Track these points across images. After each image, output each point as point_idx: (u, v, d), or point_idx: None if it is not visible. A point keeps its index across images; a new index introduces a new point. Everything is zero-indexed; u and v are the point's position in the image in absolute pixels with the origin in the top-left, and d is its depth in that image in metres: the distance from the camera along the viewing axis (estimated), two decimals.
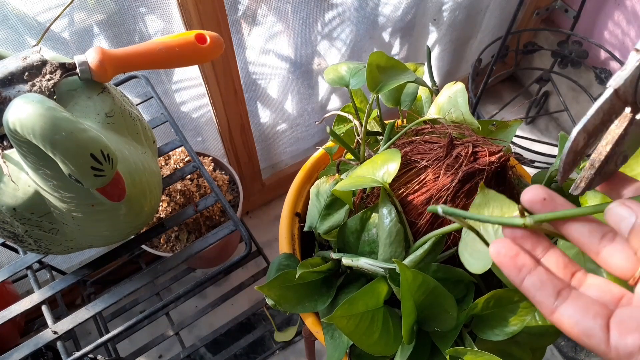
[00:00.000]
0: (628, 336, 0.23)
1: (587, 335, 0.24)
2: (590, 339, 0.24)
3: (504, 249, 0.27)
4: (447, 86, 0.54)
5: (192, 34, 0.49)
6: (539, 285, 0.26)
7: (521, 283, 0.26)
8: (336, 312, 0.39)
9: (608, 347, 0.23)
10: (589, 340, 0.24)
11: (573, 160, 0.26)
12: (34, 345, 0.51)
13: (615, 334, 0.23)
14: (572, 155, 0.26)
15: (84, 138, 0.37)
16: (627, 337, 0.23)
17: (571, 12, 1.24)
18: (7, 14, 0.62)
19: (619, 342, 0.23)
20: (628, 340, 0.23)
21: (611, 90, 0.25)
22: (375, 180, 0.44)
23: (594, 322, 0.24)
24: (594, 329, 0.24)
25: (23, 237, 0.48)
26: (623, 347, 0.23)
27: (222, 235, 0.57)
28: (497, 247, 0.27)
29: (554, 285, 0.26)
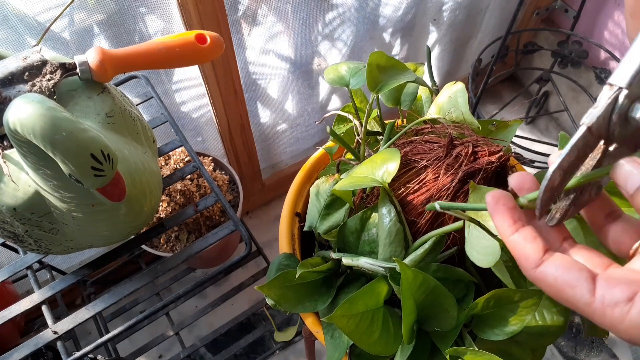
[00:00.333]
0: (616, 287, 0.23)
1: (570, 285, 0.24)
2: (574, 289, 0.24)
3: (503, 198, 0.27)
4: (447, 86, 0.54)
5: (192, 34, 0.49)
6: (531, 238, 0.26)
7: (511, 234, 0.26)
8: (336, 312, 0.39)
9: (593, 296, 0.23)
10: (572, 290, 0.24)
11: (550, 197, 0.26)
12: (34, 345, 0.51)
13: (603, 284, 0.23)
14: (548, 193, 0.26)
15: (84, 138, 0.37)
16: (615, 287, 0.23)
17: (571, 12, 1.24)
18: (7, 14, 0.62)
19: (605, 292, 0.23)
20: (615, 290, 0.23)
21: (584, 128, 0.25)
22: (375, 179, 0.44)
23: (579, 274, 0.24)
24: (579, 279, 0.24)
25: (23, 237, 0.48)
26: (609, 296, 0.23)
27: (222, 235, 0.57)
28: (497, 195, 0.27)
29: (544, 242, 0.26)
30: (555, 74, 1.30)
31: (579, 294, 0.24)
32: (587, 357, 1.11)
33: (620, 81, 0.24)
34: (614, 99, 0.24)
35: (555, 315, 0.43)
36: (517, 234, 0.26)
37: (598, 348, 1.12)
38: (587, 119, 0.25)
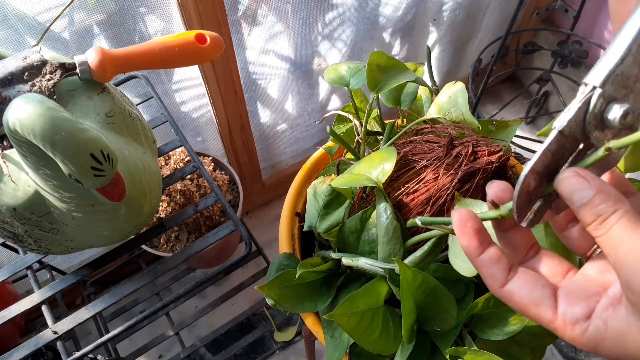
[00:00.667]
0: (576, 305, 0.24)
1: (535, 304, 0.25)
2: (539, 307, 0.25)
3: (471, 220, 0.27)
4: (447, 86, 0.54)
5: (192, 34, 0.49)
6: (496, 258, 0.26)
7: (477, 256, 0.27)
8: (337, 310, 0.39)
9: (555, 314, 0.24)
10: (537, 309, 0.25)
11: (527, 200, 0.25)
12: (34, 345, 0.51)
13: (564, 302, 0.25)
14: (524, 197, 0.25)
15: (84, 138, 0.37)
16: (575, 305, 0.24)
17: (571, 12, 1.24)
18: (7, 14, 0.62)
19: (567, 309, 0.24)
20: (575, 308, 0.24)
21: (555, 132, 0.24)
22: (370, 179, 0.44)
23: (542, 292, 0.25)
24: (542, 297, 0.25)
25: (23, 237, 0.48)
26: (570, 314, 0.24)
27: (222, 235, 0.57)
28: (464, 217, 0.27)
29: (508, 261, 0.27)
30: (555, 74, 1.30)
31: (542, 312, 0.25)
32: (587, 357, 1.11)
33: (594, 80, 0.23)
34: (587, 101, 0.24)
35: None
36: (482, 256, 0.27)
37: None
38: (558, 122, 0.24)
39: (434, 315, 0.42)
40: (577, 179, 0.24)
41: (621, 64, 0.23)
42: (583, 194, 0.23)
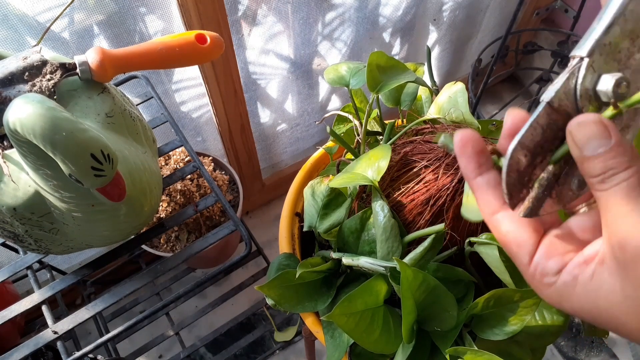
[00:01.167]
0: (551, 259, 0.24)
1: (518, 243, 0.25)
2: (520, 248, 0.25)
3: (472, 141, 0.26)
4: (447, 86, 0.54)
5: (192, 34, 0.49)
6: (494, 183, 0.26)
7: (475, 177, 0.26)
8: (335, 310, 0.39)
9: (530, 261, 0.25)
10: (517, 248, 0.25)
11: (518, 180, 0.24)
12: (34, 345, 0.51)
13: (542, 252, 0.25)
14: (514, 175, 0.23)
15: (84, 138, 0.37)
16: (550, 259, 0.24)
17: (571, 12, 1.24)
18: (7, 14, 0.62)
19: (541, 260, 0.25)
20: (550, 262, 0.24)
21: (543, 104, 0.23)
22: (366, 177, 0.44)
23: (529, 235, 0.25)
24: (527, 240, 0.25)
25: (23, 237, 0.48)
26: (543, 266, 0.25)
27: (222, 235, 0.57)
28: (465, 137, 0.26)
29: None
30: (555, 74, 1.30)
31: (521, 254, 0.25)
32: (587, 357, 1.11)
33: (581, 51, 0.22)
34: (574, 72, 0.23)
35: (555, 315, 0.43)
36: (480, 178, 0.26)
37: (598, 348, 1.12)
38: (545, 95, 0.23)
39: (434, 315, 0.42)
40: (598, 125, 0.22)
41: (608, 34, 0.22)
42: (601, 142, 0.22)
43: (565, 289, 0.24)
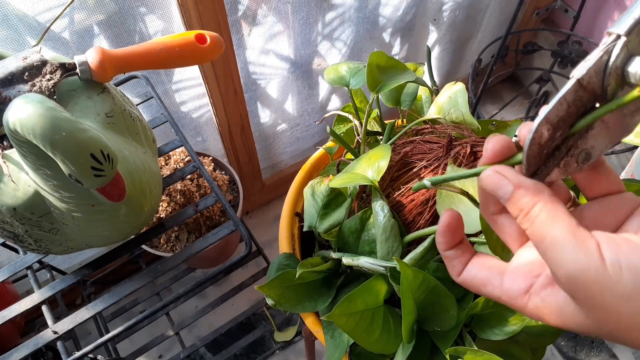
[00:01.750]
0: (516, 281, 0.26)
1: (484, 284, 0.27)
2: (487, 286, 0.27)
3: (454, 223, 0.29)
4: (447, 86, 0.54)
5: (192, 34, 0.49)
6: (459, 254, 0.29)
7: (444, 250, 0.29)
8: (335, 310, 0.39)
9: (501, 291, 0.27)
10: (485, 288, 0.27)
11: (538, 153, 0.24)
12: (34, 345, 0.51)
13: (508, 280, 0.27)
14: (536, 148, 0.24)
15: (84, 138, 0.37)
16: (516, 281, 0.26)
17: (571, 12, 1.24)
18: (7, 14, 0.62)
19: (510, 286, 0.26)
20: (516, 284, 0.26)
21: (574, 80, 0.23)
22: (366, 177, 0.44)
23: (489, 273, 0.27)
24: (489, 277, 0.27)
25: (23, 237, 0.48)
26: (512, 290, 0.26)
27: (222, 235, 0.57)
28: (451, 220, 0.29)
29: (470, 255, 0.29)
30: (555, 74, 1.30)
31: (490, 289, 0.27)
32: (587, 357, 1.11)
33: (619, 29, 0.22)
34: (609, 50, 0.22)
35: None
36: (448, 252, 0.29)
37: (598, 348, 1.12)
38: (577, 71, 0.23)
39: (434, 315, 0.42)
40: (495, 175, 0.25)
41: None
42: (504, 190, 0.24)
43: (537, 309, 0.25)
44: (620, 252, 0.21)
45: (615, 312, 0.21)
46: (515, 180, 0.24)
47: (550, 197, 0.24)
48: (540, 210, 0.23)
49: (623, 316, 0.21)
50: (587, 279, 0.21)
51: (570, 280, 0.22)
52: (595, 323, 0.23)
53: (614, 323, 0.22)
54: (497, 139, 0.26)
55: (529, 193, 0.24)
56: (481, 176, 0.26)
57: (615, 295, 0.21)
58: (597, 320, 0.22)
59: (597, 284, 0.21)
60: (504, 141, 0.26)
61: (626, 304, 0.21)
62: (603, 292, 0.21)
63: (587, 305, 0.22)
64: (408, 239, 0.44)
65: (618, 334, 0.22)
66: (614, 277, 0.21)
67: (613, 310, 0.21)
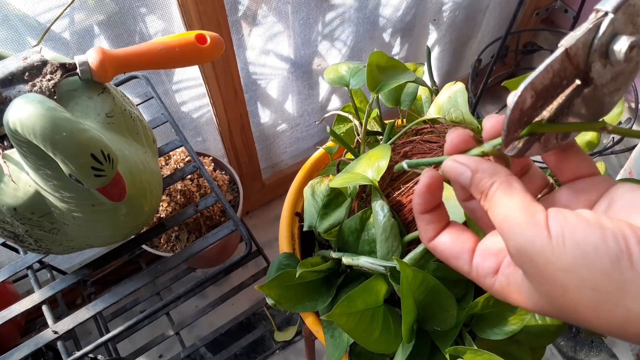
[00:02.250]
0: (486, 260, 0.27)
1: (455, 257, 0.28)
2: (458, 260, 0.28)
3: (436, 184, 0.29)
4: (447, 86, 0.54)
5: (193, 34, 0.50)
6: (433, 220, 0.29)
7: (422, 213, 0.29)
8: (335, 310, 0.39)
9: (470, 267, 0.27)
10: (456, 261, 0.28)
11: (519, 119, 0.25)
12: (35, 345, 0.51)
13: (478, 256, 0.27)
14: (517, 113, 0.24)
15: (85, 138, 0.37)
16: (486, 261, 0.27)
17: (571, 12, 1.24)
18: (8, 14, 0.63)
19: (479, 264, 0.27)
20: (486, 263, 0.27)
21: (562, 49, 0.23)
22: (366, 177, 0.44)
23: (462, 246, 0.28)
24: (462, 251, 0.28)
25: (23, 237, 0.48)
26: (481, 268, 0.27)
27: (222, 235, 0.57)
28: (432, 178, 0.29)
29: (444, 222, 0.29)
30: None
31: (460, 264, 0.28)
32: (587, 356, 1.11)
33: (606, 5, 0.23)
34: (597, 25, 0.23)
35: None
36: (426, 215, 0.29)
37: (597, 348, 1.12)
38: (566, 41, 0.23)
39: (434, 315, 0.42)
40: (453, 163, 0.26)
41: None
42: (465, 176, 0.26)
43: (502, 288, 0.26)
44: (566, 225, 0.22)
45: (560, 285, 0.22)
46: (472, 165, 0.26)
47: (507, 176, 0.25)
48: (496, 188, 0.24)
49: (568, 289, 0.21)
50: (533, 251, 0.22)
51: (519, 253, 0.23)
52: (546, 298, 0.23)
53: (561, 296, 0.22)
54: (458, 132, 0.28)
55: (486, 175, 0.25)
56: (442, 166, 0.27)
57: (557, 267, 0.21)
58: (546, 294, 0.23)
59: (542, 256, 0.22)
60: (463, 134, 0.28)
61: (568, 276, 0.21)
62: (547, 265, 0.22)
63: (536, 280, 0.23)
64: (408, 238, 0.44)
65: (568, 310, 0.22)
66: (557, 249, 0.21)
67: (558, 283, 0.22)
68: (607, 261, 0.20)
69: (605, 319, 0.21)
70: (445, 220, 0.29)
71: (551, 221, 0.22)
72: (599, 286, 0.21)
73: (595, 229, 0.21)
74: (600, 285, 0.21)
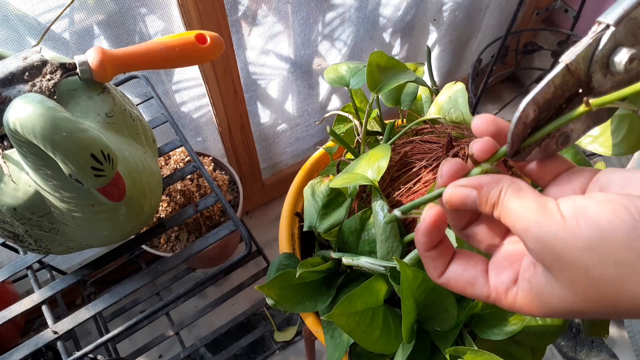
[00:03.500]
0: (503, 274, 0.26)
1: (471, 284, 0.27)
2: (474, 287, 0.26)
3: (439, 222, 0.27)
4: (447, 86, 0.54)
5: (192, 34, 0.49)
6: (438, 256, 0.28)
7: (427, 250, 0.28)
8: (335, 310, 0.39)
9: (489, 288, 0.26)
10: (472, 288, 0.27)
11: (522, 131, 0.25)
12: (34, 345, 0.51)
13: (493, 274, 0.26)
14: (521, 127, 0.25)
15: (84, 138, 0.37)
16: (502, 274, 0.26)
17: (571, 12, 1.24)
18: (8, 14, 0.62)
19: (497, 281, 0.26)
20: (503, 276, 0.26)
21: (563, 65, 0.24)
22: (366, 177, 0.44)
23: (475, 271, 0.27)
24: (475, 276, 0.27)
25: (23, 237, 0.48)
26: (500, 285, 0.26)
27: (222, 235, 0.57)
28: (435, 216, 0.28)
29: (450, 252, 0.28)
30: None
31: (478, 290, 0.26)
32: (587, 357, 1.11)
33: (608, 19, 0.23)
34: (598, 39, 0.23)
35: None
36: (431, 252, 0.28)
37: (598, 348, 1.12)
38: (566, 56, 0.24)
39: (434, 315, 0.42)
40: (458, 189, 0.26)
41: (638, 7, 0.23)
42: (471, 197, 0.26)
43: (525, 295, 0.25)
44: (576, 207, 0.22)
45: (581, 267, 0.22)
46: (475, 184, 0.26)
47: (510, 178, 0.25)
48: (504, 193, 0.24)
49: (590, 270, 0.21)
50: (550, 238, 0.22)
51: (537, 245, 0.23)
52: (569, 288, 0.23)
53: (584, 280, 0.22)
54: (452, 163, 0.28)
55: (491, 186, 0.25)
56: (445, 197, 0.27)
57: (576, 248, 0.21)
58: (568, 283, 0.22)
59: (559, 240, 0.22)
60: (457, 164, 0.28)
61: (588, 255, 0.21)
62: (565, 248, 0.22)
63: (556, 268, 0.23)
64: (408, 238, 0.44)
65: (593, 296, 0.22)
66: (572, 230, 0.21)
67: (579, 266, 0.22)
68: (624, 232, 0.20)
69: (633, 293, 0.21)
70: (451, 250, 0.28)
71: (563, 206, 0.22)
72: (620, 259, 0.21)
73: (606, 204, 0.21)
74: (621, 258, 0.21)
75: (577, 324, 1.15)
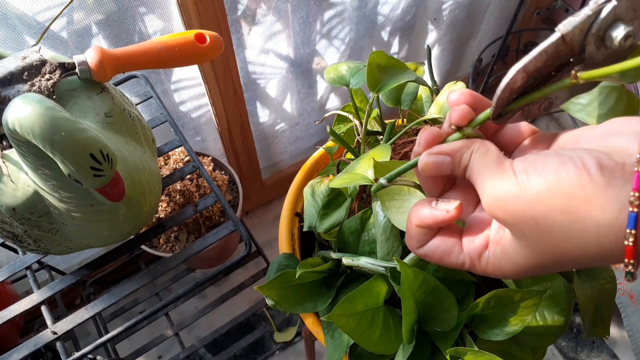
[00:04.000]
0: (475, 239, 0.27)
1: (447, 254, 0.28)
2: (450, 256, 0.28)
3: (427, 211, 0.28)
4: (448, 86, 0.54)
5: (192, 34, 0.49)
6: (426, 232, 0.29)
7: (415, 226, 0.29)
8: (335, 311, 0.39)
9: (463, 256, 0.27)
10: (449, 257, 0.28)
11: (508, 97, 0.26)
12: (34, 345, 0.51)
13: (466, 242, 0.27)
14: (507, 92, 0.25)
15: (83, 138, 0.37)
16: (474, 240, 0.27)
17: (572, 11, 1.24)
18: (7, 14, 0.62)
19: (469, 249, 0.27)
20: (475, 242, 0.27)
21: (558, 34, 0.24)
22: (366, 177, 0.44)
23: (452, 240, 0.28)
24: (451, 245, 0.28)
25: (22, 237, 0.48)
26: (473, 249, 0.27)
27: (222, 235, 0.57)
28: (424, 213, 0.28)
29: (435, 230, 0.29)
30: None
31: (454, 258, 0.27)
32: (588, 357, 1.11)
33: None
34: (598, 11, 0.23)
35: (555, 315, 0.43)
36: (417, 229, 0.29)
37: (599, 348, 1.12)
38: (563, 26, 0.24)
39: (434, 316, 0.42)
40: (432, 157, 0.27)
41: None
42: (445, 163, 0.27)
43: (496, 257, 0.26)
44: (526, 161, 0.23)
45: (531, 218, 0.22)
46: (448, 149, 0.27)
47: (481, 141, 0.26)
48: (474, 154, 0.26)
49: (539, 219, 0.22)
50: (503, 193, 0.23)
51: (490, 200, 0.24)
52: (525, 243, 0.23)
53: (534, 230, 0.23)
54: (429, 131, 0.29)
55: (463, 150, 0.26)
56: (420, 164, 0.28)
57: (526, 201, 0.22)
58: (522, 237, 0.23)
59: (510, 195, 0.23)
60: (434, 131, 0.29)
61: (537, 206, 0.22)
62: (516, 202, 0.23)
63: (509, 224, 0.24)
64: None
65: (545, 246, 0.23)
66: (522, 184, 0.23)
67: (529, 217, 0.22)
68: (568, 181, 0.21)
69: (580, 240, 0.22)
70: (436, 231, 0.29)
71: (515, 164, 0.24)
72: (566, 207, 0.21)
73: (553, 157, 0.23)
74: (567, 206, 0.21)
75: (578, 324, 1.15)
